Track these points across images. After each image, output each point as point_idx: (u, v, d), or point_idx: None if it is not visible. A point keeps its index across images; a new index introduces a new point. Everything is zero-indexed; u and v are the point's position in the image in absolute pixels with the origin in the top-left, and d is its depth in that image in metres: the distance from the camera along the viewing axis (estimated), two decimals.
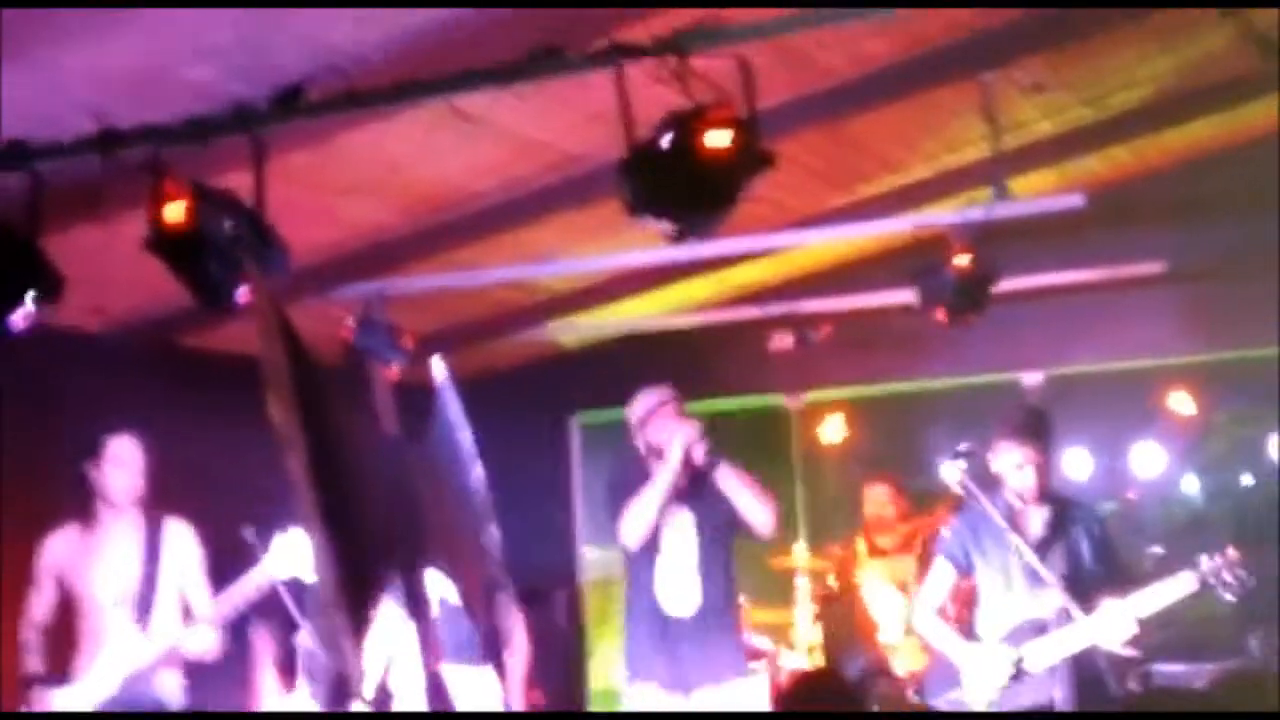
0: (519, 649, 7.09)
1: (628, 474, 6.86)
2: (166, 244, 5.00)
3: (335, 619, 4.76)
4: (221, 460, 7.32)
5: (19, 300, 5.13)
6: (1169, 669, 8.37)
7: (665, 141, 4.60)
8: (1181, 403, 9.57)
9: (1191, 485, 10.45)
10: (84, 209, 5.79)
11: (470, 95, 5.92)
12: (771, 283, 9.36)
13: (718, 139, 4.59)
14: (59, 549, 6.80)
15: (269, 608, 7.11)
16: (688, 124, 4.60)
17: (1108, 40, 6.91)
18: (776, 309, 8.97)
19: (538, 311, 9.21)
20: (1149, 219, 8.59)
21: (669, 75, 4.62)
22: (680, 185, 4.63)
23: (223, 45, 5.03)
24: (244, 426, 5.32)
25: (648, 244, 7.42)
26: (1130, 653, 6.27)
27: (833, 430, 9.82)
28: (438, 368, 4.67)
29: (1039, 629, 6.36)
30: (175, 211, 4.93)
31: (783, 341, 8.88)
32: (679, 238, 4.72)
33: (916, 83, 6.93)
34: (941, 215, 7.72)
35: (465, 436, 5.54)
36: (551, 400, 10.21)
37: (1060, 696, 6.22)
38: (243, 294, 5.04)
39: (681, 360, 9.45)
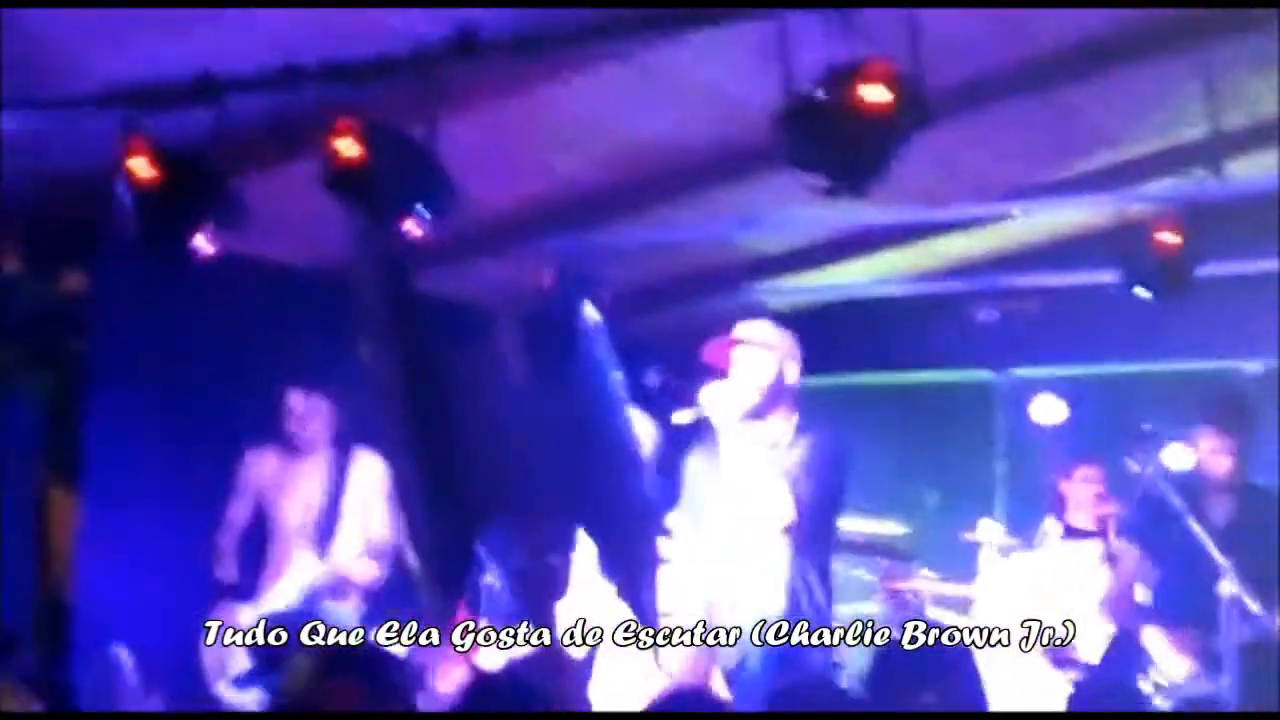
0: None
1: None
2: (339, 181, 5.15)
3: (425, 565, 4.79)
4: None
5: (200, 230, 5.34)
6: None
7: (821, 94, 4.57)
8: None
9: None
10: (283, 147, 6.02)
11: (665, 57, 6.02)
12: (980, 255, 9.18)
13: (875, 94, 4.54)
14: (259, 469, 7.13)
15: None
16: (845, 77, 4.57)
17: None
18: (983, 282, 8.79)
19: (743, 273, 9.18)
20: None
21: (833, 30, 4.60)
22: (834, 140, 4.60)
23: None
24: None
25: (857, 209, 7.37)
26: None
27: (1039, 409, 9.60)
28: (589, 310, 4.65)
29: (1215, 618, 6.20)
30: (347, 148, 5.06)
31: (989, 316, 8.71)
32: (831, 193, 4.69)
33: (1137, 54, 6.74)
34: (1149, 192, 7.48)
35: (612, 380, 5.52)
36: None
37: (1227, 684, 6.05)
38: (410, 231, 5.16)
39: (886, 329, 9.39)
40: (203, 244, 5.38)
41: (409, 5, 5.21)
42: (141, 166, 5.23)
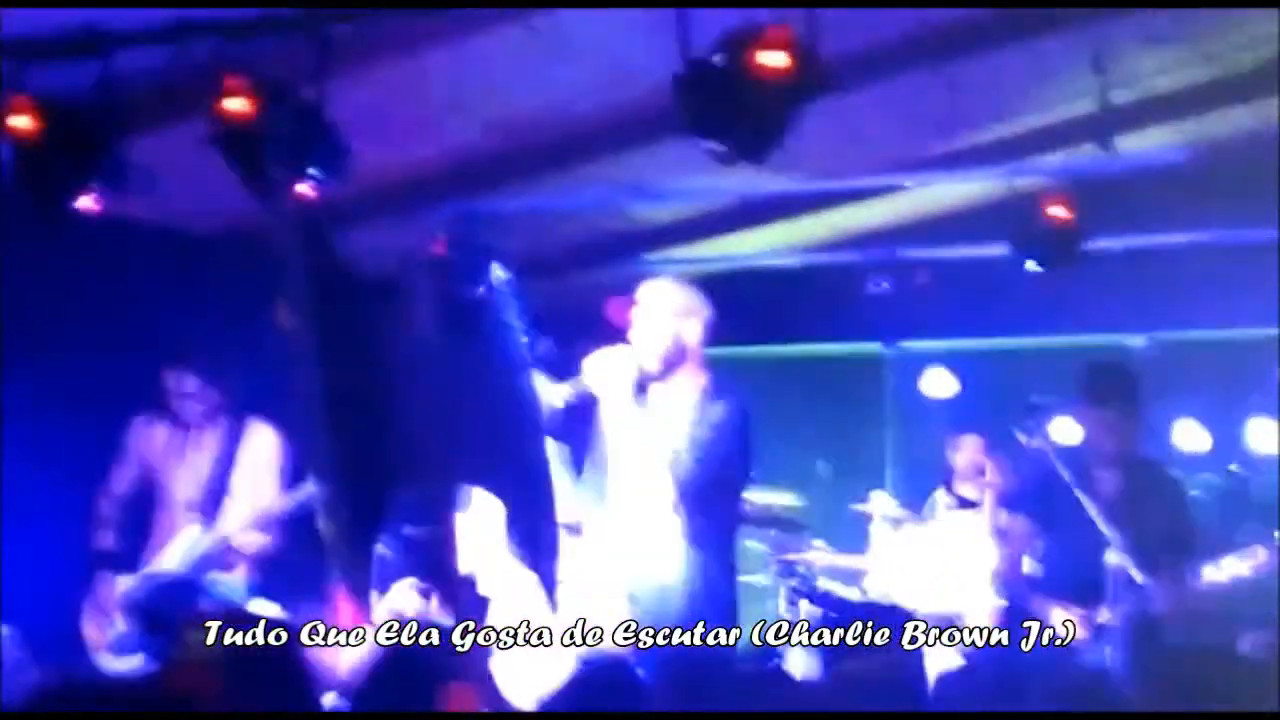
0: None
1: None
2: (226, 138, 5.04)
3: (336, 528, 4.73)
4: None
5: (85, 187, 5.20)
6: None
7: (718, 58, 4.54)
8: None
9: None
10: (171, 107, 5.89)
11: (560, 20, 5.95)
12: (872, 227, 9.23)
13: (774, 60, 4.51)
14: (147, 439, 6.99)
15: None
16: (744, 43, 4.54)
17: None
18: (875, 254, 8.83)
19: (635, 242, 9.15)
20: (1267, 183, 8.31)
21: None
22: (732, 106, 4.57)
23: None
24: None
25: (749, 180, 7.35)
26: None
27: (929, 382, 9.69)
28: (496, 270, 4.56)
29: (1102, 588, 6.26)
30: (235, 105, 4.96)
31: (880, 287, 8.74)
32: (729, 160, 4.66)
33: (1027, 29, 6.78)
34: (1040, 166, 7.55)
35: (518, 341, 5.43)
36: None
37: (1113, 655, 6.11)
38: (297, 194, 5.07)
39: (778, 301, 9.40)
40: (88, 204, 5.24)
41: None
42: (23, 120, 5.09)
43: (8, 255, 6.58)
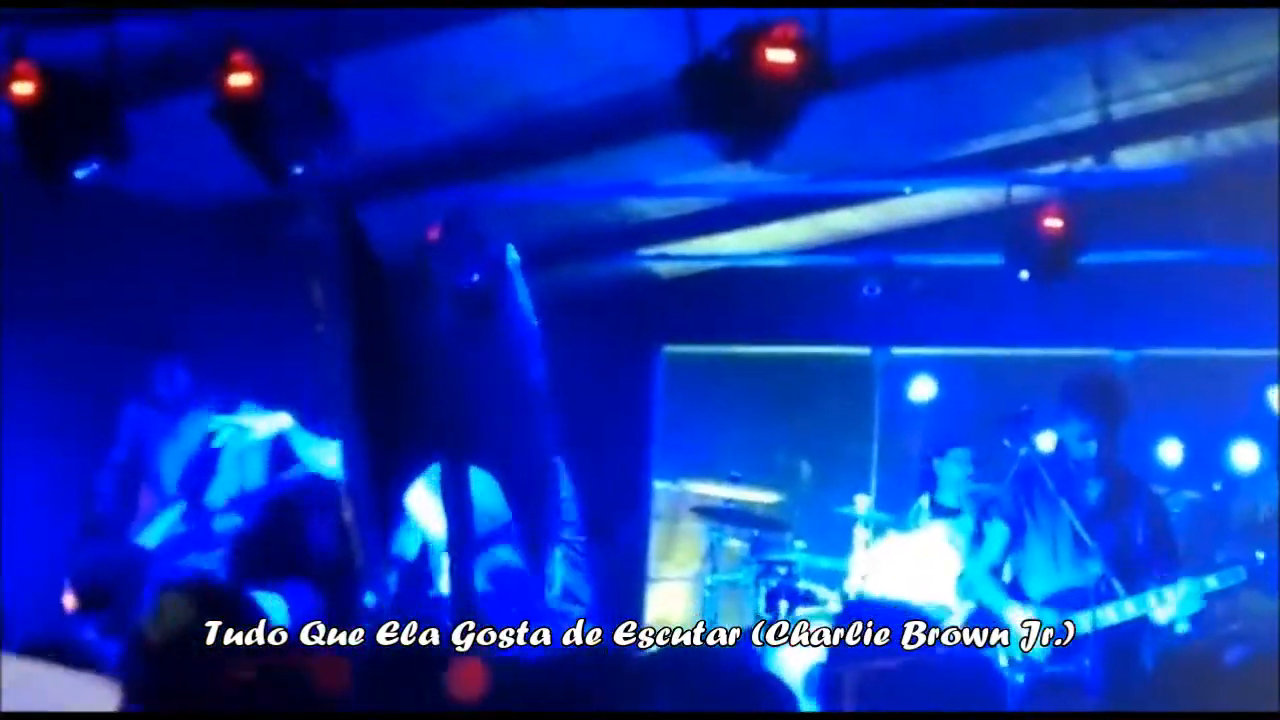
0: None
1: None
2: (229, 113, 5.03)
3: (356, 509, 4.73)
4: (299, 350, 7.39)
5: (85, 157, 5.19)
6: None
7: (726, 54, 4.55)
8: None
9: None
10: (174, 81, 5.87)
11: (566, 12, 5.95)
12: (868, 231, 9.24)
13: (780, 56, 4.52)
14: (137, 419, 6.98)
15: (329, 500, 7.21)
16: (752, 39, 4.55)
17: (1231, 15, 6.69)
18: (870, 258, 8.83)
19: (631, 237, 9.16)
20: (1261, 205, 8.33)
21: None
22: (737, 100, 4.58)
23: None
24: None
25: (747, 179, 7.35)
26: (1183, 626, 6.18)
27: (916, 387, 9.70)
28: (511, 254, 4.53)
29: (1080, 598, 6.27)
30: (240, 81, 4.95)
31: (872, 291, 8.74)
32: (732, 155, 4.67)
33: (1028, 41, 6.78)
34: (1037, 176, 7.56)
35: (529, 327, 5.42)
36: (640, 329, 10.11)
37: (1089, 666, 6.13)
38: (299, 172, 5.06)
39: (769, 300, 9.41)
40: (84, 174, 5.22)
41: None
42: (25, 87, 5.07)
43: (10, 225, 6.57)
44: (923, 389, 9.71)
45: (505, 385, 5.50)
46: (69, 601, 6.66)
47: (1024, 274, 7.07)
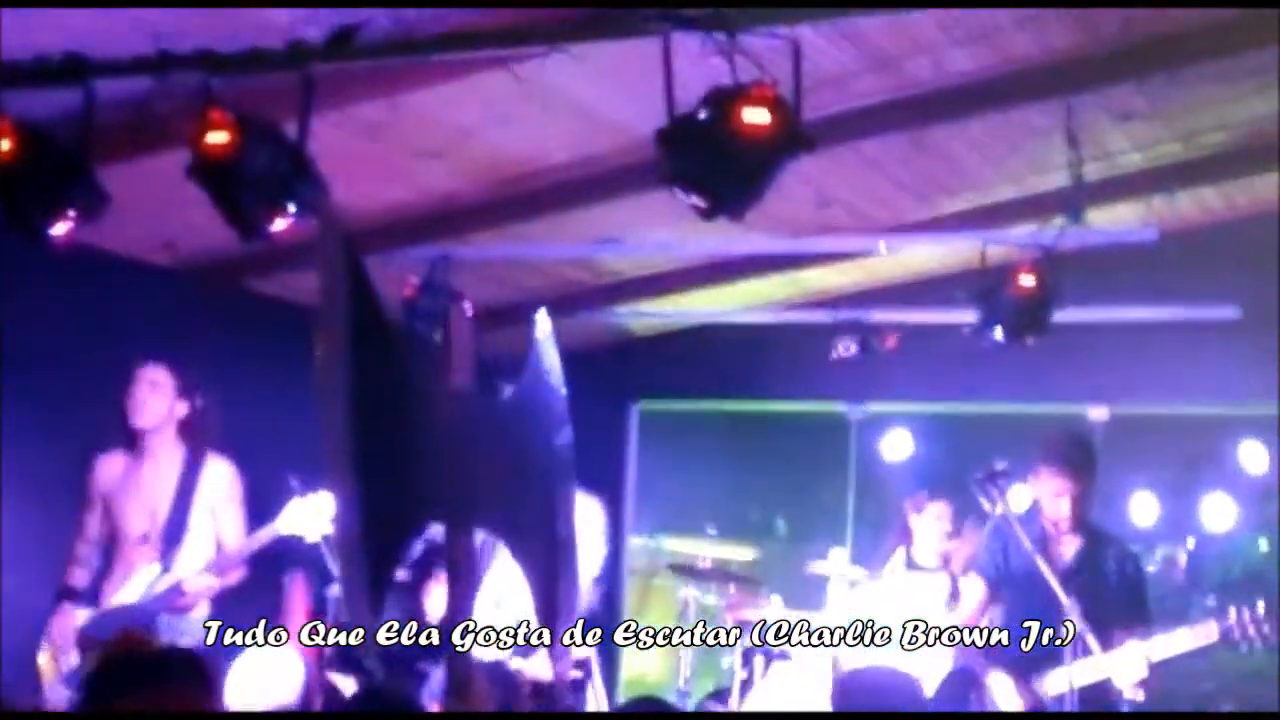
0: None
1: None
2: (207, 171, 5.05)
3: (352, 572, 4.64)
4: (277, 406, 7.36)
5: (61, 214, 5.20)
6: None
7: (703, 114, 4.58)
8: (1252, 454, 9.35)
9: (1258, 544, 10.23)
10: (149, 138, 5.88)
11: (544, 68, 5.96)
12: (843, 289, 9.28)
13: (756, 116, 4.56)
14: (106, 473, 6.90)
15: (309, 557, 7.18)
16: (727, 99, 4.58)
17: (1202, 76, 6.77)
18: (844, 315, 8.86)
19: (606, 294, 9.18)
20: (1230, 263, 8.41)
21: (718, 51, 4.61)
22: (714, 160, 4.61)
23: None
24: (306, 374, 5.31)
25: (721, 236, 7.38)
26: (1139, 695, 6.17)
27: (890, 443, 9.74)
28: (542, 322, 4.48)
29: (1056, 657, 6.28)
30: (217, 139, 4.97)
31: (847, 349, 8.77)
32: (709, 214, 4.69)
33: (1003, 100, 6.84)
34: (1010, 235, 7.62)
35: (557, 397, 5.38)
36: (614, 385, 10.12)
37: None
38: (277, 228, 5.07)
39: (746, 357, 9.43)
40: (61, 231, 5.22)
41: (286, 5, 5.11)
42: (1, 143, 5.08)
43: None
44: (898, 445, 9.74)
45: (518, 452, 5.44)
46: (56, 663, 6.64)
47: (998, 331, 7.09)
